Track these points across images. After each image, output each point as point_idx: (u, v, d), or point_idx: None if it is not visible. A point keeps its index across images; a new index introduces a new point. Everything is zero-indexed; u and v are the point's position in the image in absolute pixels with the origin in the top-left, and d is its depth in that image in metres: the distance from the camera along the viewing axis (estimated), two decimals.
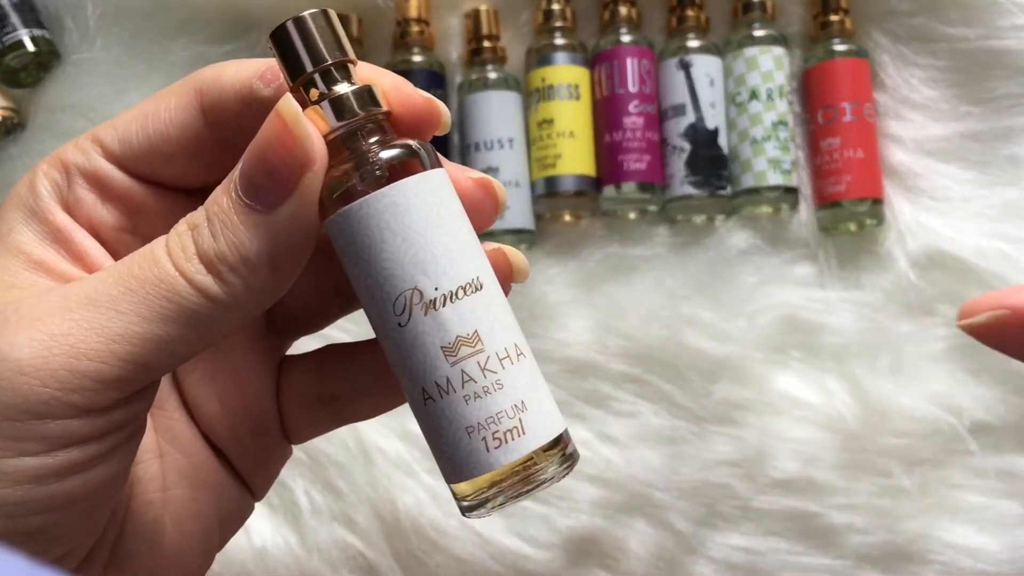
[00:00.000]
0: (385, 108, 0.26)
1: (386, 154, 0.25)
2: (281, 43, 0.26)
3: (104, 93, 0.56)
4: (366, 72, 0.27)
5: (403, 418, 0.55)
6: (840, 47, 0.55)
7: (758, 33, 0.56)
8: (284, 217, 0.24)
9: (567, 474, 0.26)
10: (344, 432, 0.54)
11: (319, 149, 0.24)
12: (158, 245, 0.25)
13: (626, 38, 0.56)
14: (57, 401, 0.23)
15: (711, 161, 0.55)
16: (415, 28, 0.56)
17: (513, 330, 0.26)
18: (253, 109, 0.26)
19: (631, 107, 0.55)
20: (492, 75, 0.56)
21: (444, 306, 0.25)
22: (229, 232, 0.24)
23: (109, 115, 0.56)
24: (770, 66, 0.55)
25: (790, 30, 0.58)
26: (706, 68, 0.55)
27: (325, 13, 0.26)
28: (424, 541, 0.53)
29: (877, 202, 0.55)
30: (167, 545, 0.29)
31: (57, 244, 0.27)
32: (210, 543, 0.30)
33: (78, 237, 0.27)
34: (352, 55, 0.26)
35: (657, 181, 0.55)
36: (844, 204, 0.55)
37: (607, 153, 0.55)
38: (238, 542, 0.53)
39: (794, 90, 0.57)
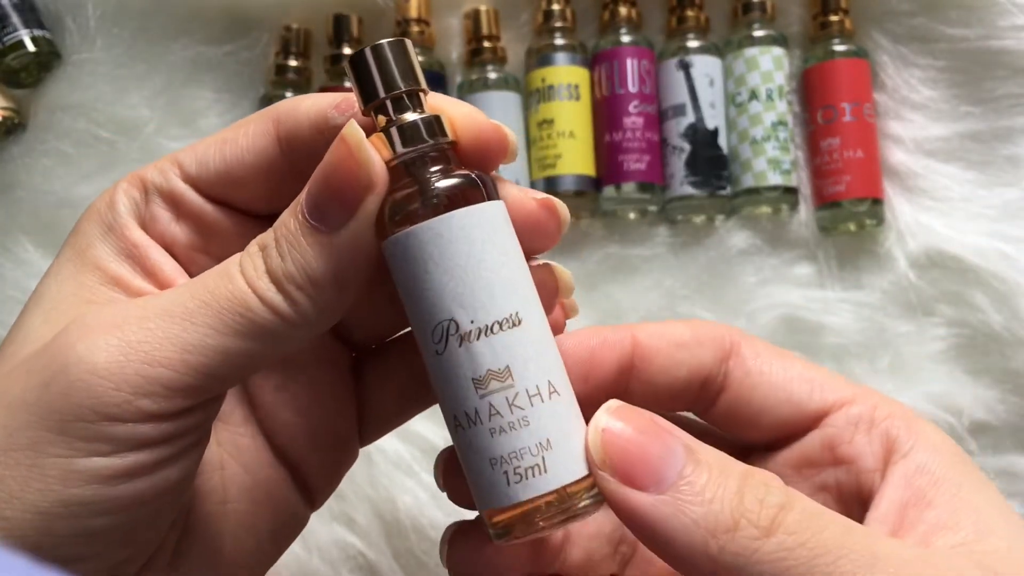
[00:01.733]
0: (451, 138, 0.27)
1: (444, 183, 0.26)
2: (357, 69, 0.27)
3: (105, 93, 0.56)
4: (437, 101, 0.28)
5: None
6: (840, 47, 0.55)
7: (758, 33, 0.56)
8: (346, 238, 0.25)
9: (590, 513, 0.27)
10: None
11: (380, 173, 0.25)
12: (232, 263, 0.26)
13: (626, 38, 0.56)
14: (129, 405, 0.24)
15: (711, 161, 0.55)
16: (415, 28, 0.56)
17: (551, 368, 0.27)
18: (327, 137, 0.27)
19: (631, 107, 0.55)
20: (492, 75, 0.56)
21: (478, 339, 0.26)
22: (296, 252, 0.25)
23: (110, 115, 0.56)
24: (770, 66, 0.55)
25: (790, 30, 0.58)
26: (706, 68, 0.56)
27: (402, 42, 0.27)
28: (424, 540, 0.53)
29: (877, 202, 0.55)
30: (224, 557, 0.29)
31: (132, 260, 0.28)
32: (264, 556, 0.31)
33: (152, 254, 0.28)
34: (423, 84, 0.27)
35: (657, 181, 0.56)
36: (844, 204, 0.55)
37: (607, 153, 0.56)
38: None
39: (794, 90, 0.57)
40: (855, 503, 0.29)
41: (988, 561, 0.25)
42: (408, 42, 0.27)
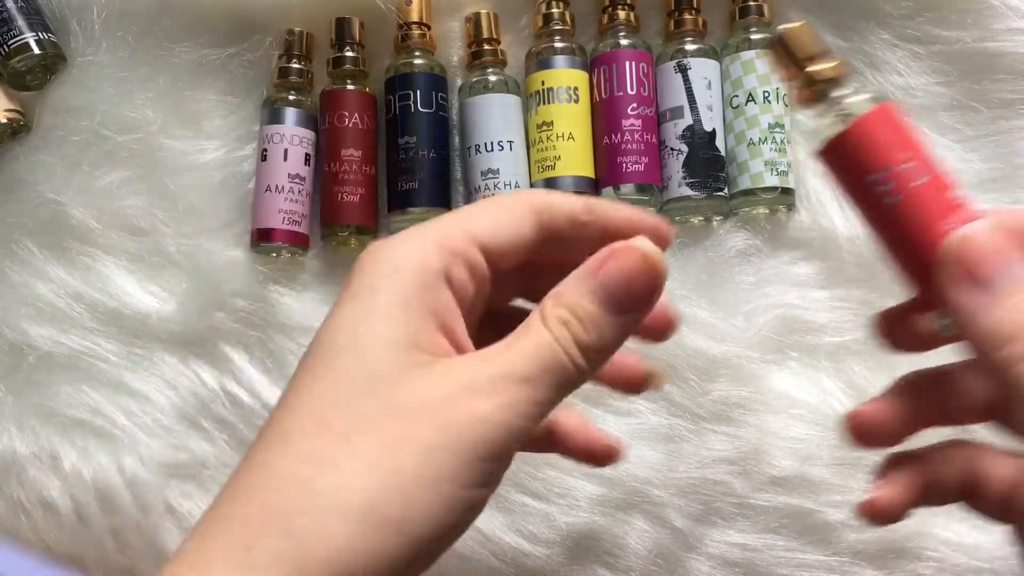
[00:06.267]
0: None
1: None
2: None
3: (109, 96, 0.57)
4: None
5: None
6: None
7: (755, 36, 0.56)
8: (633, 319, 0.33)
9: None
10: None
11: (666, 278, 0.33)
12: (545, 335, 0.32)
13: (624, 41, 0.57)
14: (510, 451, 0.32)
15: (708, 163, 0.56)
16: (416, 31, 0.57)
17: None
18: (578, 232, 0.35)
19: (629, 110, 0.56)
20: (492, 78, 0.57)
21: None
22: (597, 330, 0.32)
23: (115, 117, 0.57)
24: (766, 69, 0.56)
25: None
26: (703, 71, 0.56)
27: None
28: None
29: None
30: None
31: (435, 317, 0.32)
32: None
33: (452, 314, 0.33)
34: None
35: (655, 183, 0.56)
36: None
37: (606, 155, 0.56)
38: None
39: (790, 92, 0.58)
40: None
41: None
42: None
